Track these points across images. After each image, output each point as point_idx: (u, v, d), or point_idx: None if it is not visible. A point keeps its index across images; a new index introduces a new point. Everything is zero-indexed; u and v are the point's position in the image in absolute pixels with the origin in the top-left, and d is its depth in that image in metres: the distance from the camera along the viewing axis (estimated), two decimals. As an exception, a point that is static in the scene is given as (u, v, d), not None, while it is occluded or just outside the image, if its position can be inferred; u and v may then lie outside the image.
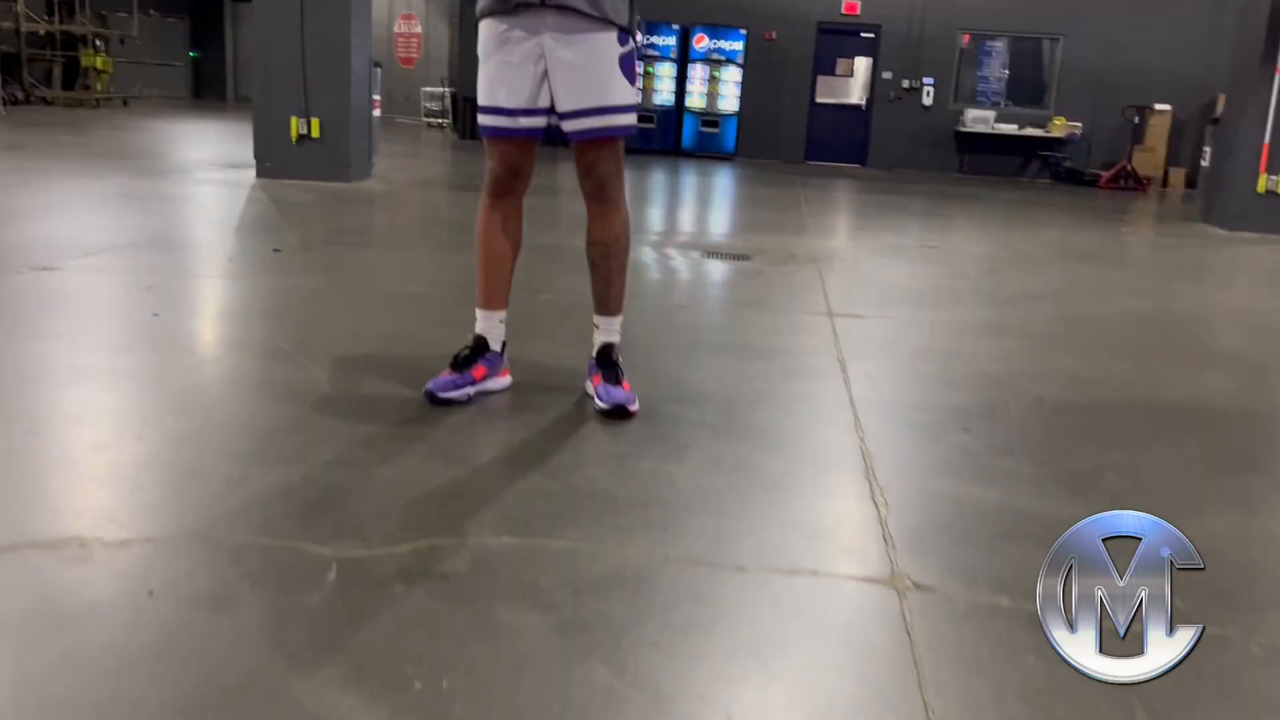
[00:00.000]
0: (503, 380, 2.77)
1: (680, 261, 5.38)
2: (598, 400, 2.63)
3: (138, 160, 8.64)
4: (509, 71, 2.49)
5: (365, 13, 8.15)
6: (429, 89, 18.40)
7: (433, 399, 2.59)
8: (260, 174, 7.80)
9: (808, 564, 1.84)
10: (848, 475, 2.32)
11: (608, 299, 2.73)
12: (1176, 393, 3.29)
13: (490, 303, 2.72)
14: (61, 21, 18.22)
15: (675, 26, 14.57)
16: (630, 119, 2.56)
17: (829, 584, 1.79)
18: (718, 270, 5.28)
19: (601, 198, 2.63)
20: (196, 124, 14.96)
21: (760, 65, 14.89)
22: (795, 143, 15.24)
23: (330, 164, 7.85)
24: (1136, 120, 13.96)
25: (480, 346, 2.70)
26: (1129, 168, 13.65)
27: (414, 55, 20.04)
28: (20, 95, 16.29)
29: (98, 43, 19.08)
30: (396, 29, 20.13)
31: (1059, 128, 14.40)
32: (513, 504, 2.03)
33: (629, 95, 2.54)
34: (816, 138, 15.26)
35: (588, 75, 2.47)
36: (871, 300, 4.62)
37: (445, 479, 2.14)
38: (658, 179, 11.05)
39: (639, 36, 2.62)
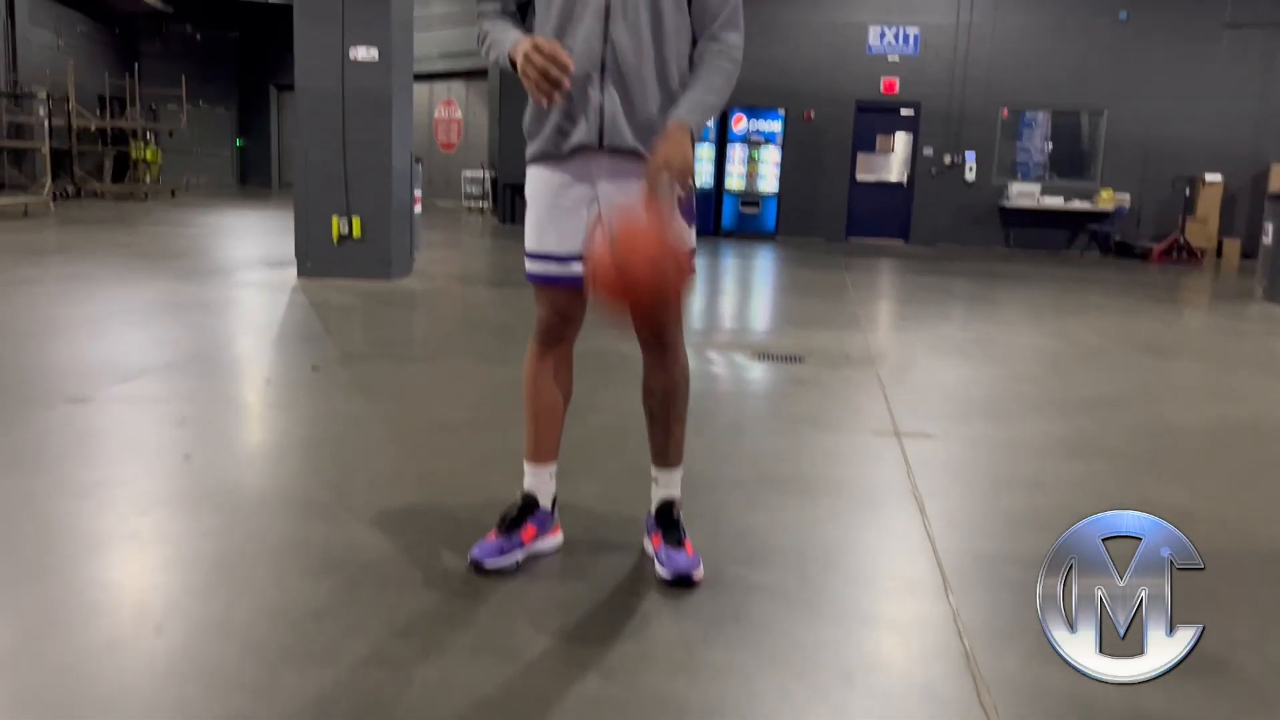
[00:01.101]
0: (554, 539, 2.56)
1: (729, 367, 5.16)
2: (659, 567, 2.40)
3: (180, 260, 8.65)
4: (560, 216, 2.32)
5: (406, 110, 8.16)
6: (469, 173, 18.58)
7: (479, 569, 2.38)
8: (301, 273, 7.76)
9: (917, 808, 1.58)
10: (946, 664, 2.06)
11: (667, 451, 2.52)
12: (1292, 532, 2.99)
13: (540, 456, 2.52)
14: (112, 117, 18.71)
15: (713, 108, 14.56)
16: (689, 264, 2.37)
17: (946, 838, 1.52)
18: (769, 377, 5.06)
19: (659, 345, 2.43)
20: (241, 214, 15.15)
21: (799, 144, 14.84)
22: (836, 220, 15.11)
23: (371, 263, 7.79)
24: (1188, 192, 13.67)
25: (529, 505, 2.49)
26: (1182, 240, 13.33)
27: (454, 140, 20.31)
28: (71, 190, 16.64)
29: (148, 135, 19.57)
30: (437, 114, 20.44)
31: (1107, 200, 14.14)
32: (571, 718, 1.79)
33: (688, 239, 2.36)
34: (858, 214, 15.12)
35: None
36: (937, 412, 4.37)
37: (494, 681, 1.91)
38: (697, 264, 10.90)
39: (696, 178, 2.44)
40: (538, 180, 2.35)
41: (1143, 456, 3.79)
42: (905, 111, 14.85)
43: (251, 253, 9.70)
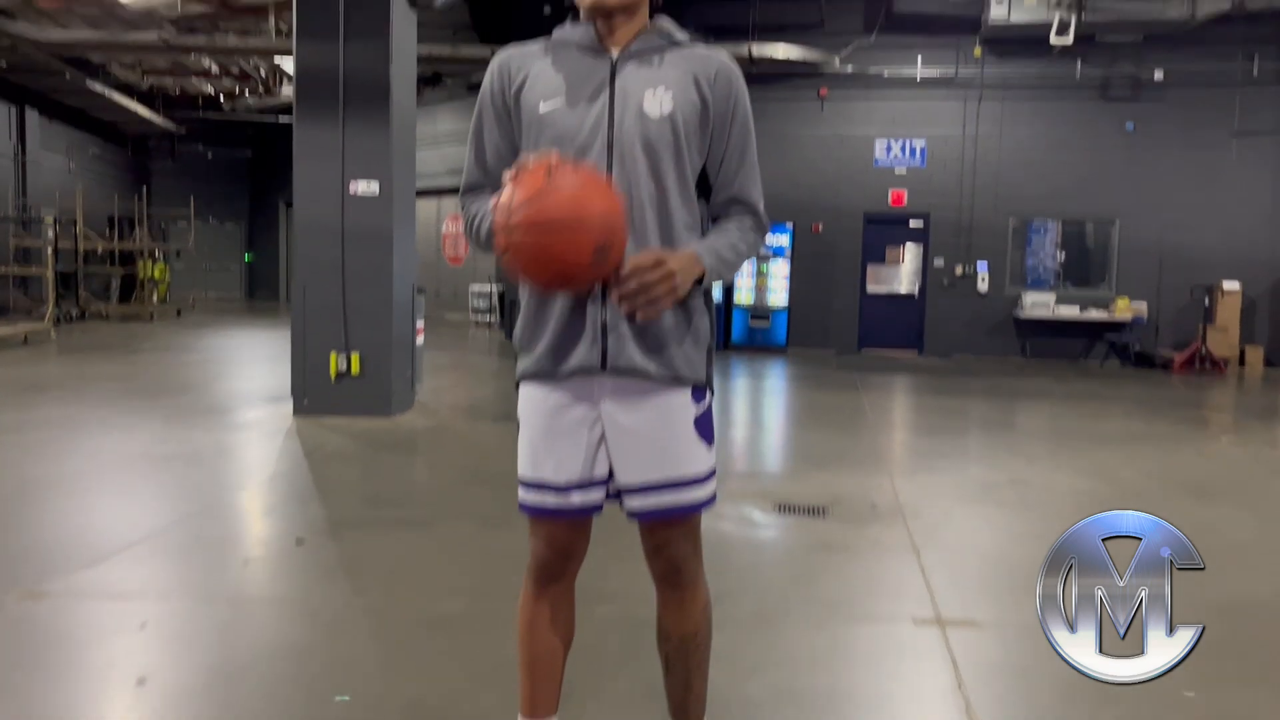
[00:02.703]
0: (555, 809, 2.17)
1: (746, 526, 4.78)
2: None
3: (174, 397, 8.37)
4: (558, 440, 1.99)
5: (408, 242, 7.97)
6: (476, 287, 18.49)
7: None
8: (298, 411, 7.46)
9: None
10: None
11: (687, 705, 2.15)
12: None
13: (536, 711, 2.14)
14: (121, 238, 18.75)
15: (720, 223, 14.49)
16: (708, 490, 2.04)
17: None
18: (791, 540, 4.68)
19: (676, 582, 2.08)
20: (245, 335, 14.97)
21: (808, 257, 14.71)
22: (848, 332, 14.86)
23: (371, 399, 7.50)
24: (1206, 300, 13.40)
25: (526, 772, 2.11)
26: (1204, 349, 13.01)
27: (462, 254, 20.30)
28: (76, 312, 16.53)
29: (156, 254, 19.60)
30: (445, 229, 20.48)
31: (1124, 309, 13.88)
32: None
33: (706, 461, 2.03)
34: (870, 326, 14.89)
35: (655, 444, 1.97)
36: (981, 587, 3.97)
37: None
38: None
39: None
40: (531, 400, 2.03)
41: (1216, 645, 3.35)
42: (914, 223, 14.73)
43: (249, 385, 9.44)
